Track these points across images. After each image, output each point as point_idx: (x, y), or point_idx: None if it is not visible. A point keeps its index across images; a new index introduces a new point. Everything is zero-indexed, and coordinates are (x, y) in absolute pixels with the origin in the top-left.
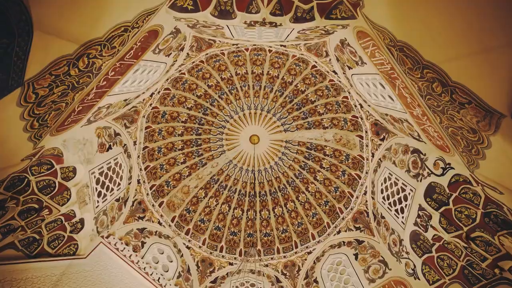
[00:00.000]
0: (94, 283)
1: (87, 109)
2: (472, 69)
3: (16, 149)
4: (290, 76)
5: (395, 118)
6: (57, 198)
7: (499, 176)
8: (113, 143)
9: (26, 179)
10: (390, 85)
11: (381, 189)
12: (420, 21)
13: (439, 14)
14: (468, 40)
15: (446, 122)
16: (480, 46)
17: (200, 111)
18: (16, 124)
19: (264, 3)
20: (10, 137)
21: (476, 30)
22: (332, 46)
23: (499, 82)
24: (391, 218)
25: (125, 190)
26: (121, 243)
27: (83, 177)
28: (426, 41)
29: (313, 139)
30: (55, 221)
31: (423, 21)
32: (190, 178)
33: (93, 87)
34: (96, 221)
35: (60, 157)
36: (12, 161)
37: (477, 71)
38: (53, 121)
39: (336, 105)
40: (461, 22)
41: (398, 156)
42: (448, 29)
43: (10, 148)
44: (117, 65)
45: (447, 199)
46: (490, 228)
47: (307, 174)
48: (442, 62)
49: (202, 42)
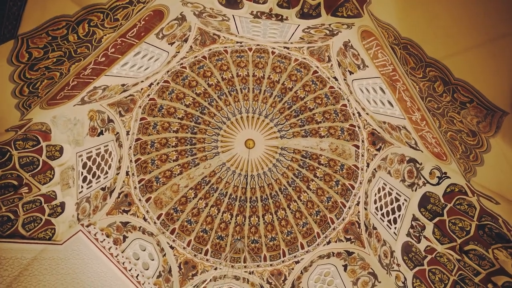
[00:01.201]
0: (67, 272)
1: (82, 85)
2: (475, 63)
3: (1, 115)
4: (290, 82)
5: (392, 126)
6: (39, 177)
7: (497, 183)
8: (105, 129)
9: (8, 153)
10: (391, 89)
11: (374, 200)
12: (424, 15)
13: (443, 6)
14: (472, 32)
15: (445, 125)
16: (484, 38)
17: (197, 109)
18: (4, 85)
19: None
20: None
21: (480, 21)
22: (335, 51)
23: (502, 77)
24: (383, 229)
25: (112, 180)
26: (102, 234)
27: (69, 158)
28: (430, 36)
29: (308, 147)
30: (34, 201)
31: (428, 15)
32: (181, 176)
33: (90, 61)
34: (77, 207)
35: (47, 134)
36: None
37: (480, 65)
38: (45, 92)
39: (334, 114)
40: (465, 13)
41: (393, 166)
42: (452, 21)
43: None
44: (118, 41)
45: (442, 209)
46: (484, 241)
47: (300, 183)
48: (445, 58)
49: (207, 36)
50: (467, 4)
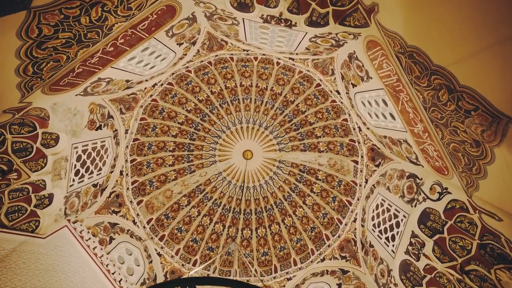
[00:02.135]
0: (46, 269)
1: (87, 74)
2: (481, 68)
3: (1, 94)
4: (292, 95)
5: (393, 140)
6: (30, 164)
7: (500, 196)
8: (104, 124)
9: (2, 136)
10: (394, 100)
11: (372, 216)
12: (431, 22)
13: (449, 11)
14: (478, 36)
15: (448, 136)
16: (490, 41)
17: (198, 116)
18: (10, 60)
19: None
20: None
21: (486, 24)
22: (339, 63)
23: (509, 82)
24: (380, 247)
25: (105, 178)
26: (88, 232)
27: (64, 148)
28: (436, 42)
29: (307, 162)
30: (21, 190)
31: (434, 21)
32: (175, 182)
33: (99, 49)
34: (66, 201)
35: (45, 121)
36: None
37: (486, 70)
38: (49, 74)
39: (334, 129)
40: (471, 17)
41: (392, 182)
42: (458, 27)
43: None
44: (129, 32)
45: (442, 227)
46: (486, 261)
47: (296, 197)
48: (451, 64)
49: (214, 42)
50: (473, 8)
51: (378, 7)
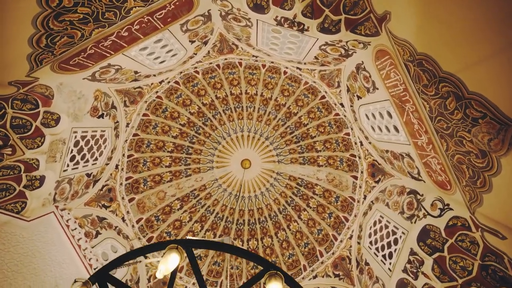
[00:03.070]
0: (26, 253)
1: (97, 57)
2: (490, 74)
3: (11, 61)
4: (296, 107)
5: (395, 155)
6: (27, 141)
7: (504, 211)
8: (106, 114)
9: (2, 110)
10: (399, 111)
11: (369, 233)
12: (442, 28)
13: (461, 17)
14: (488, 41)
15: (453, 148)
16: (500, 46)
17: (201, 119)
18: (25, 27)
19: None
20: (11, 43)
21: (497, 28)
22: (346, 75)
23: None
24: (376, 265)
25: (100, 169)
26: (75, 222)
27: (63, 130)
28: (446, 49)
29: (305, 175)
30: (13, 167)
31: (445, 27)
32: (170, 184)
33: (113, 32)
34: (57, 186)
35: (49, 100)
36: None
37: (495, 75)
38: (61, 50)
39: (335, 144)
40: (481, 22)
41: (392, 198)
42: (468, 32)
43: (4, 58)
44: (145, 19)
45: (442, 245)
46: (488, 284)
47: (291, 211)
48: (460, 71)
49: (225, 44)
50: (483, 14)
51: (390, 15)
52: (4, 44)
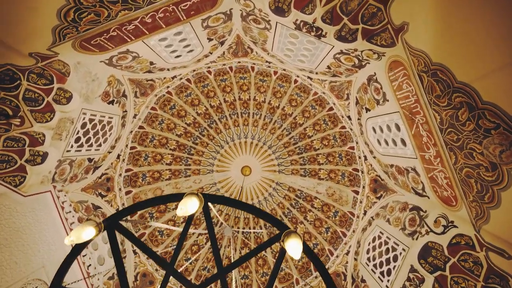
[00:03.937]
0: (17, 229)
1: (118, 41)
2: (505, 83)
3: (34, 33)
4: (302, 118)
5: (400, 169)
6: (36, 114)
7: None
8: (117, 101)
9: (18, 81)
10: (408, 123)
11: (367, 249)
12: (459, 38)
13: (478, 26)
14: (504, 50)
15: (462, 161)
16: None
17: (206, 121)
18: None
19: (321, 3)
20: (40, 11)
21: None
22: (356, 87)
23: None
24: (373, 281)
25: (102, 156)
26: (70, 205)
27: (74, 110)
28: (461, 58)
29: (305, 188)
30: (18, 140)
31: (462, 37)
32: (168, 183)
33: (138, 17)
34: (58, 165)
35: (64, 77)
36: (21, 45)
37: (510, 85)
38: (85, 27)
39: (338, 158)
40: (497, 31)
41: (394, 214)
42: (486, 41)
43: (29, 26)
44: (170, 8)
45: (444, 264)
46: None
47: (288, 223)
48: (475, 80)
49: (240, 47)
50: (499, 24)
51: (408, 26)
52: (33, 11)
